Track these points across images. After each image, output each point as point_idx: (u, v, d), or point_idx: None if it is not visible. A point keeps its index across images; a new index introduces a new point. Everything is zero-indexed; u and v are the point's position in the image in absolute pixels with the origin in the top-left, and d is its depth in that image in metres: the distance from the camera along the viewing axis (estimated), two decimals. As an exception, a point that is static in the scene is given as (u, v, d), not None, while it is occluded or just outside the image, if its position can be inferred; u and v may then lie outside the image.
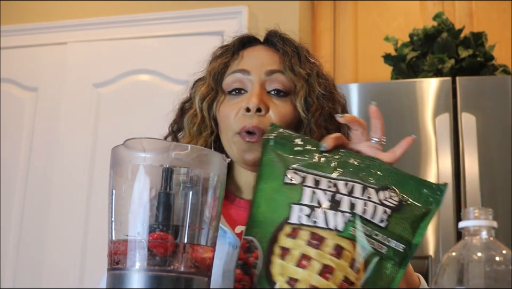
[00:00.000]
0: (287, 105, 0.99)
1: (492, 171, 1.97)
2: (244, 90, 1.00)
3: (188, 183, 0.67)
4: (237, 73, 1.01)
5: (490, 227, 0.59)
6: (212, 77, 1.03)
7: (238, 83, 1.01)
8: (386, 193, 0.74)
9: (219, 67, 1.04)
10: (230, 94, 1.01)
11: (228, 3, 2.64)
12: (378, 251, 0.70)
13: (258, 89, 0.98)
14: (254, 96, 0.97)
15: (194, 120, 1.04)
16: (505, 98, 2.01)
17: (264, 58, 1.02)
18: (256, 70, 1.00)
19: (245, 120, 0.96)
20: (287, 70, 1.00)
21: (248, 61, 1.02)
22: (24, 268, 2.63)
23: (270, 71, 1.00)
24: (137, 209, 0.66)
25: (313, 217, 0.71)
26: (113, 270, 0.65)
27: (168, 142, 0.67)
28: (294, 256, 0.69)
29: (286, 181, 0.76)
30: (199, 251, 0.65)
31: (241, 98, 0.99)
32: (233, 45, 1.06)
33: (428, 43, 2.29)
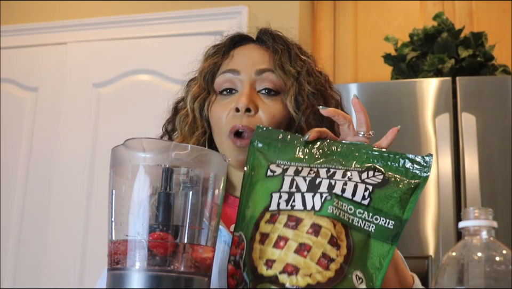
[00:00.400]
0: (277, 104, 0.98)
1: (491, 171, 1.97)
2: (234, 90, 1.00)
3: (188, 183, 0.67)
4: (227, 73, 1.01)
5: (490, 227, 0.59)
6: (203, 77, 1.03)
7: (228, 83, 1.00)
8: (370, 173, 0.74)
9: (210, 67, 1.04)
10: (221, 94, 1.01)
11: (228, 4, 2.64)
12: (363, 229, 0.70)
13: (248, 89, 0.98)
14: (243, 96, 0.96)
15: (186, 120, 1.04)
16: (505, 98, 2.01)
17: (254, 57, 1.01)
18: (246, 70, 1.00)
19: (235, 121, 0.96)
20: (277, 68, 0.99)
21: (238, 61, 1.02)
22: (24, 268, 2.63)
23: (260, 70, 0.99)
24: (137, 209, 0.66)
25: (292, 202, 0.72)
26: (113, 270, 0.65)
27: (168, 142, 0.67)
28: (271, 239, 0.70)
29: (268, 174, 0.77)
30: (199, 251, 0.65)
31: (232, 99, 0.99)
32: (224, 45, 1.06)
33: (428, 43, 2.29)
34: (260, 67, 1.00)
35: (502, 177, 1.95)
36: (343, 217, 0.70)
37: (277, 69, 0.99)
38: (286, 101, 0.98)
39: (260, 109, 0.97)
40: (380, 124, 2.10)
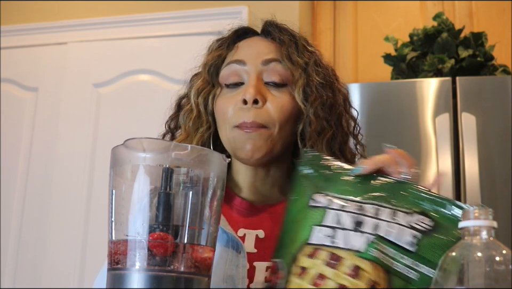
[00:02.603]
0: (285, 96, 0.95)
1: (492, 171, 1.97)
2: (241, 83, 0.96)
3: (188, 183, 0.67)
4: (233, 64, 0.98)
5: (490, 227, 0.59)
6: (207, 70, 1.00)
7: (234, 76, 0.97)
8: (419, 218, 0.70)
9: (214, 60, 1.00)
10: (227, 87, 0.98)
11: (228, 4, 2.64)
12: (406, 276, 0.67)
13: (255, 80, 0.94)
14: (251, 87, 0.93)
15: (190, 115, 1.00)
16: (505, 98, 2.01)
17: (260, 47, 0.98)
18: (252, 60, 0.96)
19: (243, 114, 0.93)
20: (285, 59, 0.96)
21: (243, 51, 0.99)
22: (24, 268, 2.63)
23: (267, 60, 0.96)
24: (137, 209, 0.66)
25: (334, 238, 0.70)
26: (113, 270, 0.65)
27: (168, 142, 0.67)
28: (310, 275, 0.68)
29: (311, 204, 0.74)
30: (199, 251, 0.65)
31: (239, 91, 0.96)
32: (228, 37, 1.03)
33: (428, 43, 2.29)
34: (267, 58, 0.96)
35: (502, 177, 1.95)
36: (385, 262, 0.68)
37: (284, 59, 0.96)
38: (294, 92, 0.95)
39: (268, 101, 0.94)
40: (380, 124, 2.11)
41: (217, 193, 0.69)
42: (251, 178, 0.99)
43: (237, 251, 0.89)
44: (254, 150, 0.92)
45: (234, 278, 0.87)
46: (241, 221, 0.96)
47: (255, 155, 0.93)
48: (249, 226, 0.95)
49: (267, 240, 0.93)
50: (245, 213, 0.97)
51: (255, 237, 0.93)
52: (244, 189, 1.00)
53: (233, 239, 0.90)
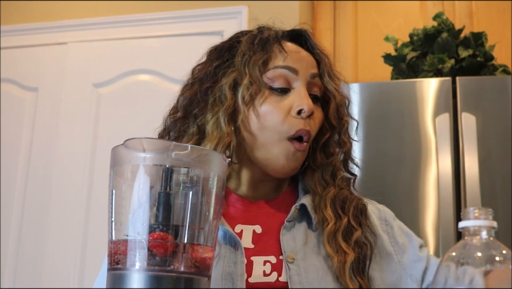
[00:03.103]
0: (321, 112, 0.99)
1: (492, 171, 1.97)
2: (288, 90, 0.95)
3: (188, 183, 0.67)
4: (285, 70, 0.95)
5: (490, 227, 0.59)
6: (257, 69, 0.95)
7: (284, 80, 0.95)
8: None
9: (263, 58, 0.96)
10: (272, 89, 0.95)
11: (228, 3, 2.64)
12: None
13: (306, 91, 0.95)
14: (307, 99, 0.94)
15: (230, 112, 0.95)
16: (505, 98, 2.01)
17: (308, 60, 0.98)
18: (303, 71, 0.96)
19: (298, 123, 0.93)
20: (326, 76, 0.98)
21: (294, 60, 0.97)
22: (24, 268, 2.63)
23: (314, 74, 0.97)
24: (137, 209, 0.66)
25: None
26: (113, 270, 0.65)
27: (168, 142, 0.67)
28: None
29: None
30: (199, 251, 0.65)
31: (287, 98, 0.95)
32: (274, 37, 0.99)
33: (428, 43, 2.29)
34: (314, 72, 0.98)
35: (502, 177, 1.95)
36: None
37: (325, 76, 0.98)
38: (329, 109, 0.99)
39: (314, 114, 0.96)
40: (380, 124, 2.11)
41: (217, 193, 0.69)
42: (255, 178, 1.00)
43: (234, 248, 0.90)
44: (295, 168, 0.96)
45: (233, 275, 0.88)
46: (238, 217, 0.97)
47: (291, 173, 0.97)
48: (246, 222, 0.96)
49: (264, 234, 0.95)
50: (241, 210, 0.98)
51: (252, 232, 0.95)
52: (242, 187, 1.00)
53: (231, 236, 0.91)
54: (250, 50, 0.97)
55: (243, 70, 0.96)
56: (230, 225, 0.94)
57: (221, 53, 1.01)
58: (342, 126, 1.00)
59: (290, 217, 0.95)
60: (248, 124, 0.95)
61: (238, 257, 0.89)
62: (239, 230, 0.95)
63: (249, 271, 0.89)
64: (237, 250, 0.90)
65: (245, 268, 0.89)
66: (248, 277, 0.89)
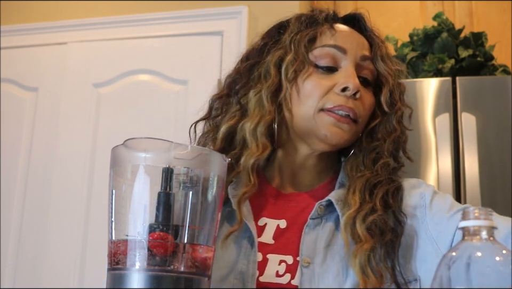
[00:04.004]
0: (371, 95, 0.95)
1: (492, 171, 1.97)
2: (335, 69, 0.93)
3: (188, 183, 0.67)
4: (333, 48, 0.93)
5: (490, 227, 0.59)
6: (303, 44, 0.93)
7: (331, 59, 0.93)
8: None
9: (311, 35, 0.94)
10: (318, 68, 0.93)
11: (228, 3, 2.64)
12: None
13: (354, 71, 0.92)
14: (354, 78, 0.90)
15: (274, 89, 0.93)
16: (505, 98, 2.01)
17: (359, 41, 0.96)
18: (352, 51, 0.93)
19: (340, 100, 0.90)
20: (379, 59, 0.95)
21: (343, 39, 0.94)
22: (24, 268, 2.62)
23: (365, 57, 0.94)
24: (137, 209, 0.66)
25: None
26: (113, 270, 0.65)
27: (168, 142, 0.67)
28: None
29: None
30: (199, 251, 0.65)
31: (333, 76, 0.92)
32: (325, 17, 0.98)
33: (428, 43, 2.29)
34: (365, 54, 0.95)
35: (502, 177, 1.95)
36: None
37: (378, 60, 0.95)
38: (381, 94, 0.95)
39: (362, 96, 0.92)
40: (380, 124, 2.10)
41: (217, 193, 0.69)
42: (297, 165, 0.97)
43: (251, 244, 0.88)
44: (341, 139, 0.91)
45: (244, 275, 0.86)
46: (265, 209, 0.94)
47: (339, 144, 0.92)
48: (272, 215, 0.93)
49: (287, 230, 0.91)
50: (270, 202, 0.95)
51: (276, 227, 0.92)
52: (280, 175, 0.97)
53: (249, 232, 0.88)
54: (298, 28, 0.96)
55: (288, 47, 0.94)
56: (255, 217, 0.92)
57: (271, 32, 1.01)
58: (395, 112, 0.95)
59: (314, 214, 0.90)
60: (290, 102, 0.93)
61: (252, 256, 0.87)
62: (263, 223, 0.92)
63: (262, 269, 0.87)
64: (252, 249, 0.87)
65: (259, 266, 0.87)
66: (259, 275, 0.86)
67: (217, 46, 2.55)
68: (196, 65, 2.58)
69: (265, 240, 0.90)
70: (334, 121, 0.90)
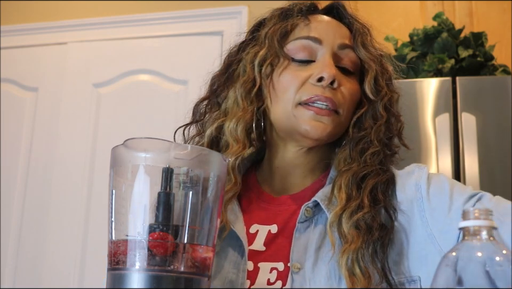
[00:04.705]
0: (355, 84, 0.92)
1: (491, 171, 1.97)
2: (311, 61, 0.91)
3: (188, 183, 0.67)
4: (308, 40, 0.91)
5: (490, 227, 0.59)
6: (276, 39, 0.92)
7: (307, 51, 0.91)
8: None
9: (284, 29, 0.93)
10: (295, 61, 0.91)
11: (228, 4, 2.64)
12: None
13: (331, 61, 0.89)
14: (329, 67, 0.88)
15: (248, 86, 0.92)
16: (505, 98, 2.01)
17: (336, 29, 0.93)
18: (328, 41, 0.91)
19: (317, 90, 0.87)
20: (360, 46, 0.92)
21: (319, 30, 0.92)
22: (24, 268, 2.62)
23: (343, 45, 0.92)
24: (137, 209, 0.66)
25: None
26: (113, 270, 0.65)
27: (168, 142, 0.67)
28: None
29: None
30: (199, 251, 0.65)
31: (309, 67, 0.90)
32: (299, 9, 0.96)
33: (428, 43, 2.29)
34: (343, 42, 0.92)
35: (502, 177, 1.95)
36: None
37: (359, 47, 0.92)
38: (365, 82, 0.92)
39: (342, 85, 0.89)
40: (380, 124, 2.10)
41: (217, 193, 0.69)
42: (287, 162, 0.95)
43: (241, 254, 0.87)
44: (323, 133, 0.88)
45: (234, 283, 0.85)
46: (257, 216, 0.92)
47: (321, 137, 0.89)
48: (263, 221, 0.91)
49: (279, 235, 0.89)
50: (262, 207, 0.94)
51: (267, 233, 0.90)
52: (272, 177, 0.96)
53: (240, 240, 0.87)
54: (272, 22, 0.95)
55: (263, 42, 0.93)
56: (247, 225, 0.91)
57: (250, 31, 1.01)
58: (381, 99, 0.93)
59: (301, 218, 0.88)
60: (269, 98, 0.92)
61: (242, 265, 0.86)
62: (255, 231, 0.91)
63: (253, 277, 0.86)
64: (242, 258, 0.86)
65: (250, 275, 0.86)
66: (251, 285, 0.85)
67: (217, 46, 2.55)
68: (196, 65, 2.58)
69: (256, 247, 0.88)
70: (313, 114, 0.87)
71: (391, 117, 0.94)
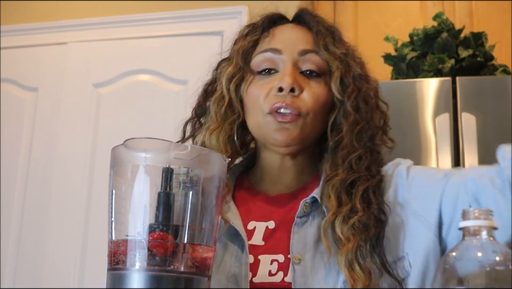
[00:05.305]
0: (321, 87, 0.94)
1: (492, 171, 1.97)
2: (274, 70, 0.95)
3: (188, 183, 0.67)
4: (268, 52, 0.96)
5: (490, 227, 0.60)
6: (240, 55, 0.98)
7: (268, 63, 0.95)
8: None
9: (248, 45, 0.98)
10: (260, 74, 0.96)
11: (228, 3, 2.64)
12: None
13: (291, 68, 0.93)
14: (287, 76, 0.91)
15: (221, 103, 0.98)
16: (505, 98, 2.00)
17: (296, 37, 0.97)
18: (288, 49, 0.95)
19: (278, 99, 0.91)
20: (322, 49, 0.95)
21: (279, 40, 0.97)
22: (24, 268, 2.62)
23: (304, 51, 0.95)
24: (137, 209, 0.66)
25: None
26: (113, 270, 0.65)
27: (168, 142, 0.67)
28: None
29: None
30: (199, 251, 0.65)
31: (272, 78, 0.94)
32: (262, 23, 1.01)
33: (428, 43, 2.29)
34: (304, 48, 0.95)
35: (502, 177, 1.95)
36: None
37: (321, 49, 0.95)
38: (331, 83, 0.94)
39: (304, 90, 0.92)
40: (380, 124, 2.10)
41: (217, 193, 0.69)
42: (276, 167, 0.98)
43: (241, 248, 0.90)
44: (288, 139, 0.91)
45: (237, 277, 0.88)
46: (253, 213, 0.95)
47: (290, 143, 0.92)
48: (260, 218, 0.94)
49: (276, 230, 0.92)
50: (258, 205, 0.97)
51: (264, 229, 0.93)
52: (264, 180, 0.99)
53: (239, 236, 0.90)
54: (240, 39, 1.01)
55: (232, 60, 0.99)
56: (244, 222, 0.93)
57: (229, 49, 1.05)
58: (347, 97, 0.94)
59: (300, 212, 0.91)
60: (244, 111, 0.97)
61: (243, 258, 0.88)
62: (252, 227, 0.93)
63: (255, 270, 0.88)
64: (243, 253, 0.89)
65: (251, 267, 0.88)
66: (253, 277, 0.88)
67: (217, 46, 2.55)
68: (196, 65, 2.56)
69: (255, 242, 0.91)
70: (277, 122, 0.91)
71: (367, 112, 0.95)
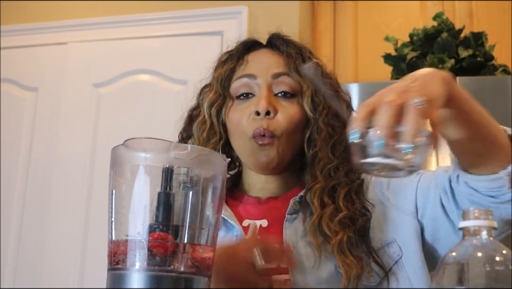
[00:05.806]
0: (295, 106, 1.02)
1: (492, 171, 1.96)
2: (251, 94, 1.03)
3: (188, 183, 0.67)
4: (244, 78, 1.04)
5: (490, 227, 0.60)
6: (219, 83, 1.06)
7: (245, 88, 1.03)
8: None
9: (225, 73, 1.06)
10: (238, 98, 1.04)
11: (228, 3, 2.64)
12: None
13: (266, 92, 1.01)
14: (263, 100, 1.00)
15: (203, 127, 1.06)
16: (505, 98, 2.01)
17: (269, 61, 1.05)
18: (262, 74, 1.03)
19: (256, 124, 0.99)
20: (293, 71, 1.03)
21: (253, 66, 1.05)
22: (24, 268, 2.62)
23: (276, 74, 1.03)
24: (137, 209, 0.66)
25: None
26: (113, 270, 0.65)
27: (168, 142, 0.67)
28: None
29: None
30: (199, 251, 0.65)
31: (250, 102, 1.02)
32: (237, 50, 1.09)
33: (428, 43, 2.29)
34: (276, 71, 1.03)
35: (502, 177, 1.95)
36: None
37: (292, 72, 1.03)
38: (303, 102, 1.02)
39: (278, 112, 1.00)
40: (380, 124, 2.10)
41: (217, 193, 0.69)
42: (262, 181, 1.06)
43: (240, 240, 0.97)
44: (268, 162, 1.00)
45: None
46: (246, 214, 1.03)
47: (269, 166, 1.01)
48: (254, 217, 1.02)
49: (269, 228, 1.01)
50: (251, 206, 1.04)
51: (258, 226, 1.01)
52: (254, 189, 1.07)
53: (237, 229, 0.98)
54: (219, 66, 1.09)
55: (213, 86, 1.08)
56: (239, 220, 1.01)
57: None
58: (319, 114, 1.02)
59: (290, 210, 1.00)
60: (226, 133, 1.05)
61: None
62: (246, 224, 1.01)
63: None
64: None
65: None
66: None
67: (217, 46, 2.55)
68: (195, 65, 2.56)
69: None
70: (256, 147, 0.99)
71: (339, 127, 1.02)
